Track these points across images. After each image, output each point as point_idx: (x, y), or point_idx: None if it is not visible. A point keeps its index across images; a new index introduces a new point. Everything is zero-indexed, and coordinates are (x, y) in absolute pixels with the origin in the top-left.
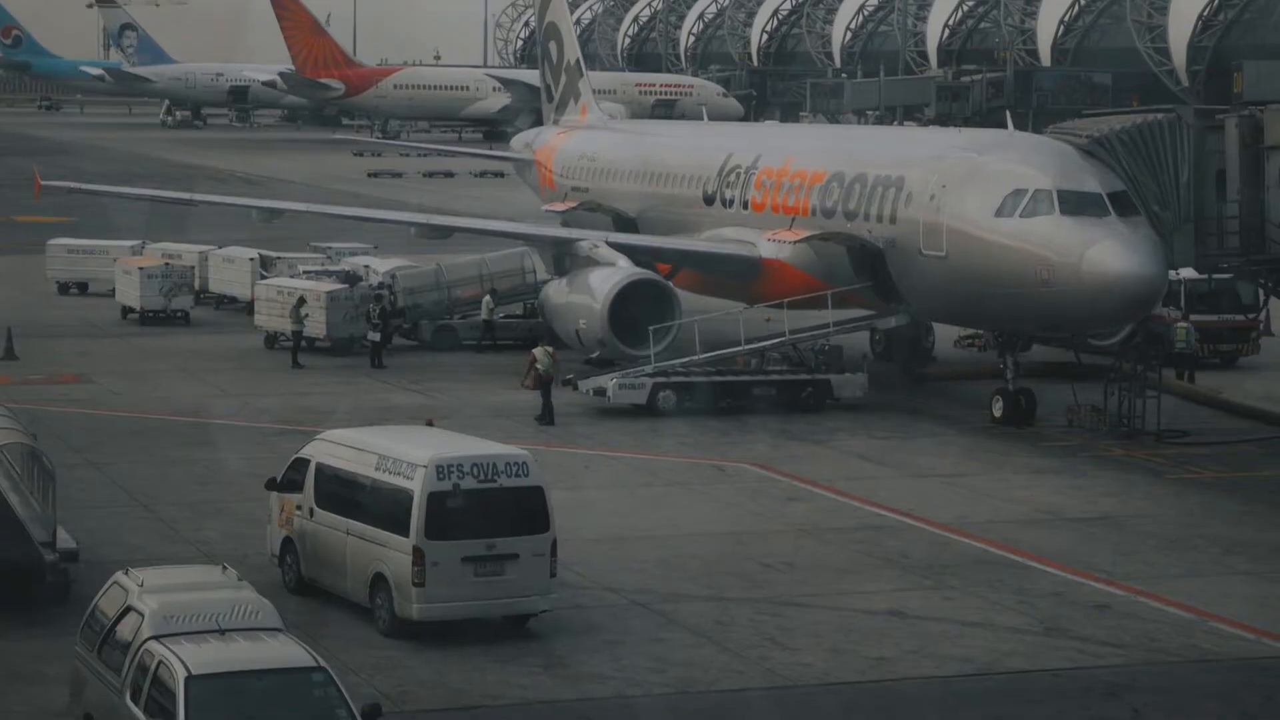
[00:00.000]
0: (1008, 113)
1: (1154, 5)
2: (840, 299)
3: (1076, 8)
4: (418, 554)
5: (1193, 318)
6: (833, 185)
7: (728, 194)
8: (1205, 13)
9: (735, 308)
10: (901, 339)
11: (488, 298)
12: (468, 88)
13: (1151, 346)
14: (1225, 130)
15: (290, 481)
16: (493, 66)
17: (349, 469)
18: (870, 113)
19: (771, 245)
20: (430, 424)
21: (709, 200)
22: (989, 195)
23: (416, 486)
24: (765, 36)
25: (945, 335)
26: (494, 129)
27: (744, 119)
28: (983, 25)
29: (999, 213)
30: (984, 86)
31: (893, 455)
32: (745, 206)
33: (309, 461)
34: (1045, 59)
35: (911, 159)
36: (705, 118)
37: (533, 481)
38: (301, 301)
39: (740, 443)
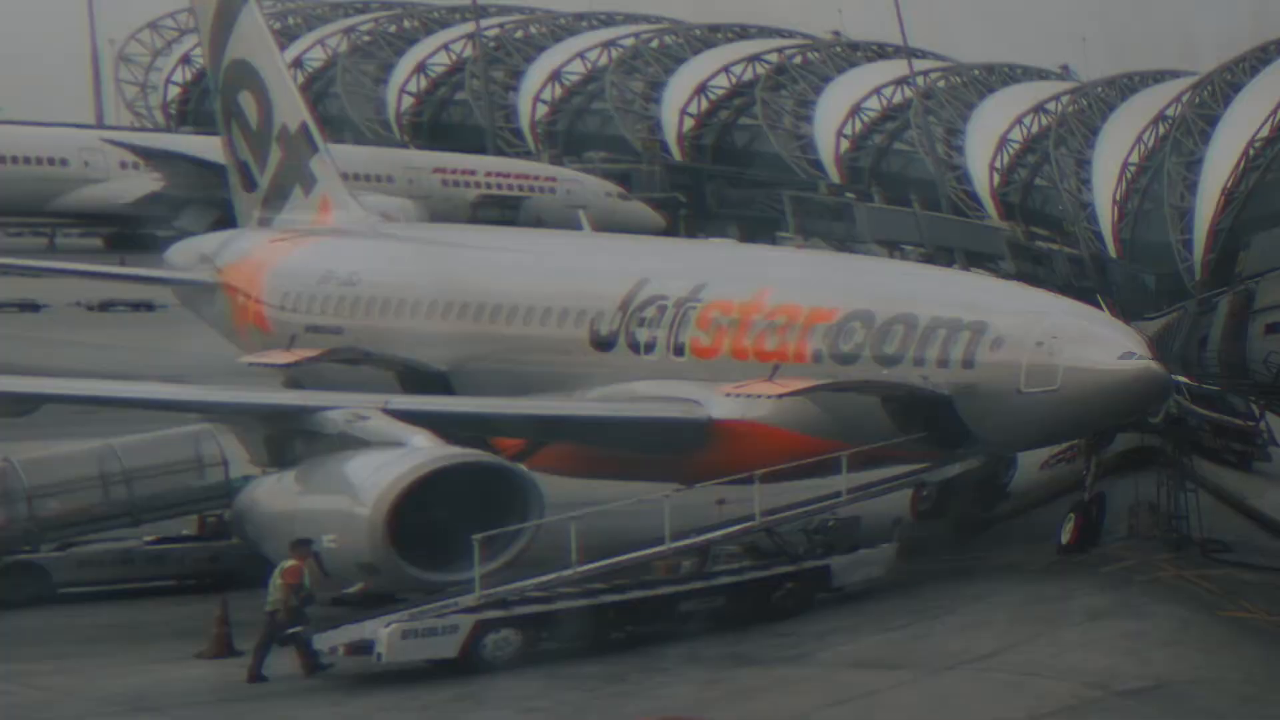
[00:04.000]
0: (1099, 296)
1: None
2: (855, 459)
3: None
4: None
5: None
6: (854, 325)
7: (641, 335)
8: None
9: (656, 490)
10: (967, 483)
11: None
12: (66, 161)
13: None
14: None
15: None
16: (120, 127)
17: None
18: (908, 247)
19: (734, 402)
20: None
21: (602, 344)
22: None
23: None
24: (690, 121)
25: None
26: (126, 231)
27: (667, 233)
28: (1038, 182)
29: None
30: (1064, 260)
31: (912, 649)
32: (679, 352)
33: None
34: (1109, 242)
35: (998, 307)
36: (587, 226)
37: None
38: None
39: (644, 691)
